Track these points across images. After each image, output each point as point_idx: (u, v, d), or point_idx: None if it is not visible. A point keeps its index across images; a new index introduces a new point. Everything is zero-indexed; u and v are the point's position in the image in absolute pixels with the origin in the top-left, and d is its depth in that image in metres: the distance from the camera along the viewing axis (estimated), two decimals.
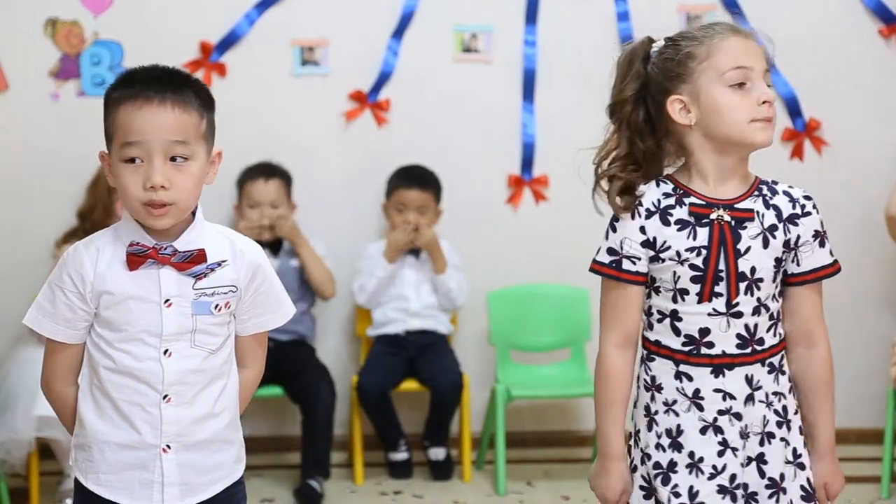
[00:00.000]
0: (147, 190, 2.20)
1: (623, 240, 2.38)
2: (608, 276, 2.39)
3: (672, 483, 2.36)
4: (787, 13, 4.85)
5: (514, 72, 4.94)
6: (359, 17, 4.89)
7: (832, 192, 4.76)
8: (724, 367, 2.36)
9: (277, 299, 2.39)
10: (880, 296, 4.94)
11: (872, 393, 4.81)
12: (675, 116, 2.38)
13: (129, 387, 2.27)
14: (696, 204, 2.36)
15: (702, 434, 2.37)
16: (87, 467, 2.32)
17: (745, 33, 2.36)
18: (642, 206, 2.38)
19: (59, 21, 4.81)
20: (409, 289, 4.75)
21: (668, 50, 2.39)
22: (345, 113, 4.92)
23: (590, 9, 4.91)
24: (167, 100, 2.22)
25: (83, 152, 4.33)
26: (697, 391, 2.36)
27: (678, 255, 2.35)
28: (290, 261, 4.71)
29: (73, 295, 2.26)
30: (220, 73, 4.85)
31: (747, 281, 2.35)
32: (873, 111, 4.94)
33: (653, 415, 2.40)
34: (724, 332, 2.35)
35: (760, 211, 2.37)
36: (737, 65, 2.32)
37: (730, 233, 2.35)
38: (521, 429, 4.92)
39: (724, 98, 2.33)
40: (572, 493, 4.44)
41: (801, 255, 2.39)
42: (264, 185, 4.66)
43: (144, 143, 2.21)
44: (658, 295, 2.39)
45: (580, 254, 4.88)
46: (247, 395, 2.42)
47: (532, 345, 4.87)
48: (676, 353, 2.37)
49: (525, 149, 4.96)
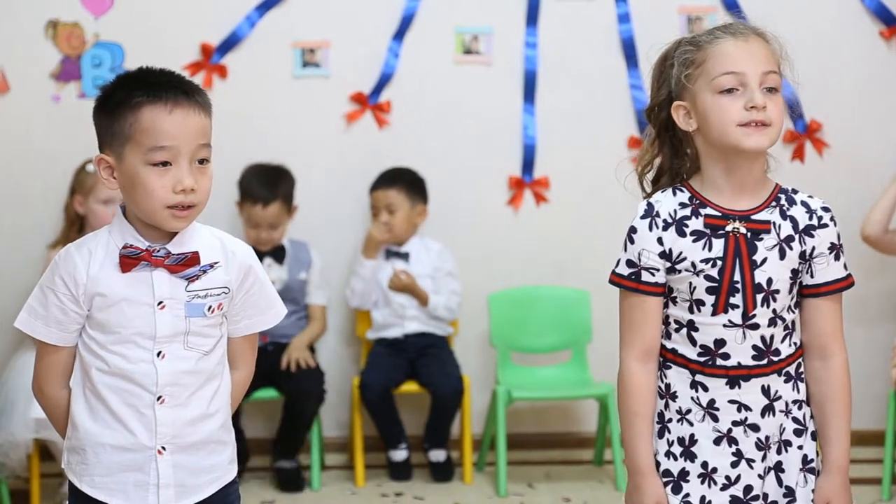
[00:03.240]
0: (177, 193, 2.21)
1: (641, 251, 2.36)
2: (628, 288, 2.38)
3: (684, 492, 2.36)
4: (788, 15, 4.84)
5: (515, 73, 4.94)
6: (360, 18, 4.89)
7: (833, 194, 4.68)
8: (741, 378, 2.34)
9: (269, 300, 2.40)
10: (881, 298, 4.94)
11: (873, 395, 4.81)
12: (680, 123, 2.37)
13: (123, 388, 2.27)
14: (711, 216, 2.34)
15: (716, 444, 2.35)
16: (81, 470, 2.32)
17: (745, 36, 2.33)
18: (659, 217, 2.36)
19: (60, 23, 4.81)
20: (396, 296, 4.74)
21: (679, 54, 2.38)
22: (346, 115, 4.92)
23: (590, 10, 4.91)
24: (194, 103, 2.24)
25: (84, 154, 4.34)
26: (712, 402, 2.35)
27: (694, 267, 2.33)
28: (298, 273, 4.71)
29: (65, 297, 2.26)
30: (221, 75, 4.85)
31: (764, 293, 2.33)
32: (874, 113, 4.94)
33: (666, 422, 2.39)
34: (739, 344, 2.34)
35: (777, 222, 2.35)
36: (726, 70, 2.30)
37: (745, 245, 2.33)
38: (521, 430, 4.92)
39: (712, 103, 2.31)
40: (573, 495, 4.44)
41: (816, 266, 2.36)
42: (263, 210, 4.65)
43: (175, 147, 2.21)
44: (675, 305, 2.37)
45: (581, 255, 4.95)
46: (238, 396, 2.42)
47: (533, 346, 4.87)
48: (692, 363, 2.36)
49: (526, 150, 4.96)
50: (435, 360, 4.67)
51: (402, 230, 4.74)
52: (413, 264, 4.75)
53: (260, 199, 4.64)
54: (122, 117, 2.23)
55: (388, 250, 4.76)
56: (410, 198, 4.74)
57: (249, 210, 4.65)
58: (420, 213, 4.78)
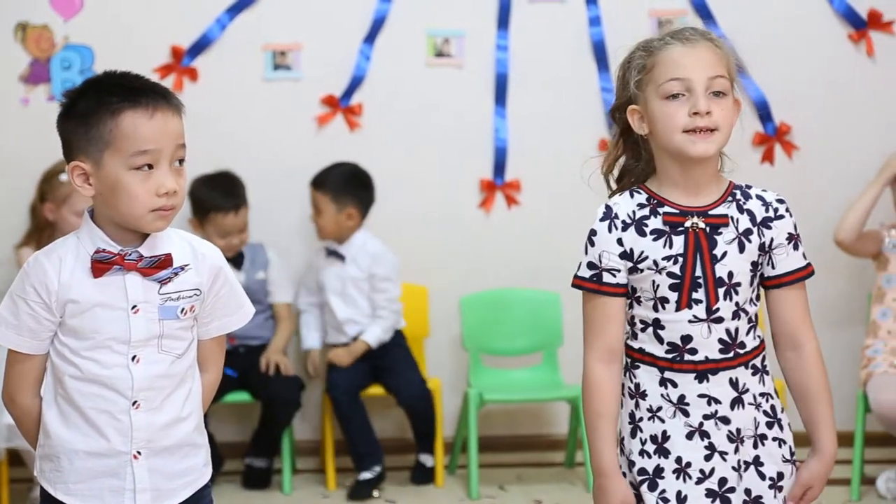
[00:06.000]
0: (160, 196, 2.21)
1: (602, 253, 2.38)
2: (590, 290, 2.40)
3: (660, 489, 2.37)
4: (758, 18, 4.87)
5: (487, 76, 4.94)
6: (331, 21, 4.89)
7: (803, 196, 4.75)
8: (709, 372, 2.36)
9: (238, 301, 2.40)
10: (850, 299, 4.96)
11: (842, 396, 4.82)
12: (634, 126, 2.40)
13: (97, 394, 2.26)
14: (670, 213, 2.37)
15: (688, 439, 2.37)
16: (55, 477, 2.30)
17: (693, 42, 2.35)
18: (618, 219, 2.38)
19: (29, 25, 4.79)
20: (333, 296, 4.69)
21: (634, 59, 2.41)
22: (317, 117, 4.91)
23: (562, 14, 4.92)
24: (172, 106, 2.25)
25: (54, 157, 4.32)
26: (682, 397, 2.37)
27: (656, 265, 2.36)
28: (255, 273, 4.70)
29: (37, 305, 2.25)
30: (192, 78, 4.84)
31: (725, 286, 2.36)
32: (843, 116, 4.97)
33: (637, 422, 2.40)
34: (705, 339, 2.36)
35: (734, 216, 2.38)
36: (671, 77, 2.33)
37: (705, 239, 2.36)
38: (493, 433, 4.92)
39: (658, 110, 2.34)
40: (545, 497, 4.45)
41: (776, 257, 2.40)
42: (235, 217, 4.62)
43: (157, 151, 2.22)
44: (640, 305, 2.39)
45: (552, 258, 4.95)
46: (208, 398, 2.42)
47: (504, 349, 4.87)
48: (660, 361, 2.38)
49: (497, 153, 4.96)
50: (396, 368, 4.63)
51: (330, 231, 4.68)
52: (348, 266, 4.68)
53: (231, 208, 4.61)
54: (100, 123, 2.22)
55: (328, 249, 4.74)
56: (336, 200, 4.65)
57: (220, 221, 4.60)
58: (350, 215, 4.67)
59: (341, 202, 4.66)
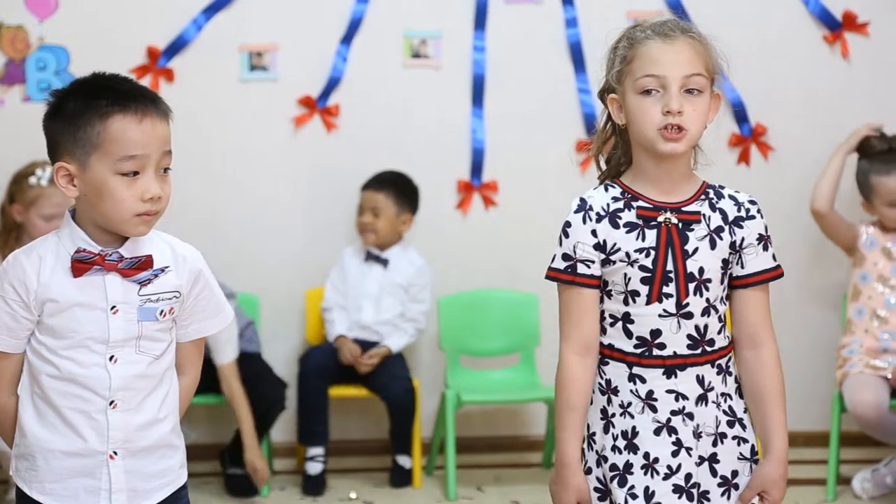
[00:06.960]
0: (145, 201, 2.21)
1: (576, 244, 2.39)
2: (564, 281, 2.41)
3: (629, 485, 2.38)
4: (734, 19, 4.88)
5: (464, 77, 4.95)
6: (307, 22, 4.88)
7: (778, 197, 4.80)
8: (676, 367, 2.38)
9: (217, 304, 2.39)
10: (826, 300, 4.99)
11: (818, 396, 4.86)
12: (613, 115, 2.43)
13: (74, 394, 2.25)
14: (643, 207, 2.39)
15: (656, 435, 2.38)
16: (30, 477, 2.29)
17: (672, 38, 2.36)
18: (592, 211, 2.40)
19: (3, 25, 4.77)
20: (367, 300, 4.73)
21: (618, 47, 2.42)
22: (294, 118, 4.90)
23: (538, 15, 4.93)
24: (161, 112, 2.25)
25: (29, 158, 4.30)
26: (651, 392, 2.38)
27: (628, 257, 2.37)
28: None
29: (16, 304, 2.24)
30: (168, 79, 4.83)
31: (696, 281, 2.37)
32: (819, 116, 4.99)
33: (610, 417, 2.42)
34: (674, 334, 2.37)
35: (707, 213, 2.40)
36: (646, 73, 2.34)
37: (677, 234, 2.38)
38: (471, 434, 4.93)
39: (634, 104, 2.36)
40: (522, 498, 4.45)
41: (745, 257, 2.41)
42: None
43: (145, 156, 2.22)
44: (610, 299, 2.41)
45: (530, 259, 4.95)
46: (186, 401, 2.42)
47: (482, 350, 4.88)
48: (629, 356, 2.39)
49: (474, 154, 4.96)
50: (383, 366, 4.64)
51: (385, 234, 4.73)
52: (390, 272, 4.74)
53: None
54: (88, 125, 2.21)
55: (369, 253, 4.75)
56: (398, 204, 4.74)
57: None
58: (405, 221, 4.77)
59: (401, 206, 4.74)
